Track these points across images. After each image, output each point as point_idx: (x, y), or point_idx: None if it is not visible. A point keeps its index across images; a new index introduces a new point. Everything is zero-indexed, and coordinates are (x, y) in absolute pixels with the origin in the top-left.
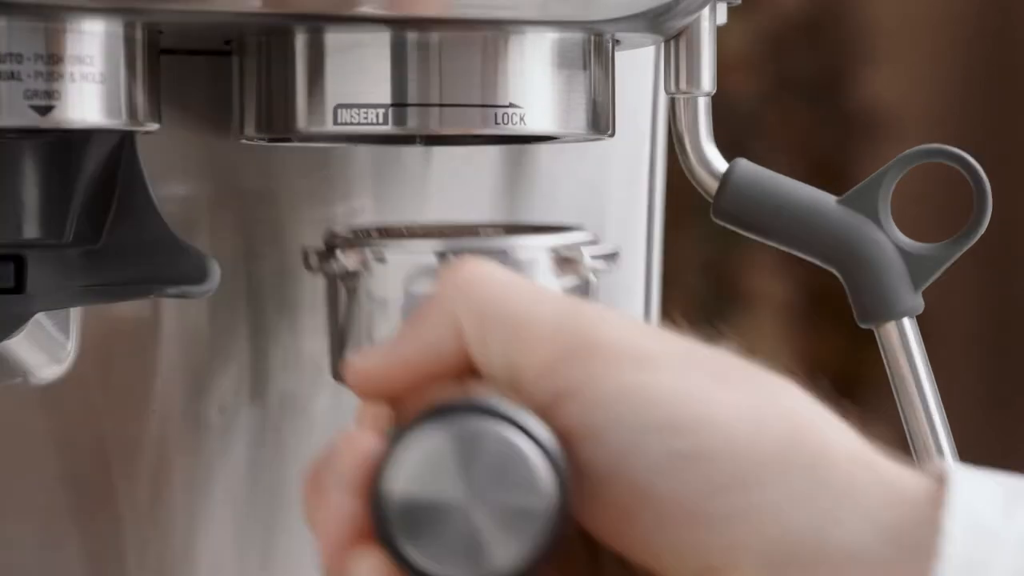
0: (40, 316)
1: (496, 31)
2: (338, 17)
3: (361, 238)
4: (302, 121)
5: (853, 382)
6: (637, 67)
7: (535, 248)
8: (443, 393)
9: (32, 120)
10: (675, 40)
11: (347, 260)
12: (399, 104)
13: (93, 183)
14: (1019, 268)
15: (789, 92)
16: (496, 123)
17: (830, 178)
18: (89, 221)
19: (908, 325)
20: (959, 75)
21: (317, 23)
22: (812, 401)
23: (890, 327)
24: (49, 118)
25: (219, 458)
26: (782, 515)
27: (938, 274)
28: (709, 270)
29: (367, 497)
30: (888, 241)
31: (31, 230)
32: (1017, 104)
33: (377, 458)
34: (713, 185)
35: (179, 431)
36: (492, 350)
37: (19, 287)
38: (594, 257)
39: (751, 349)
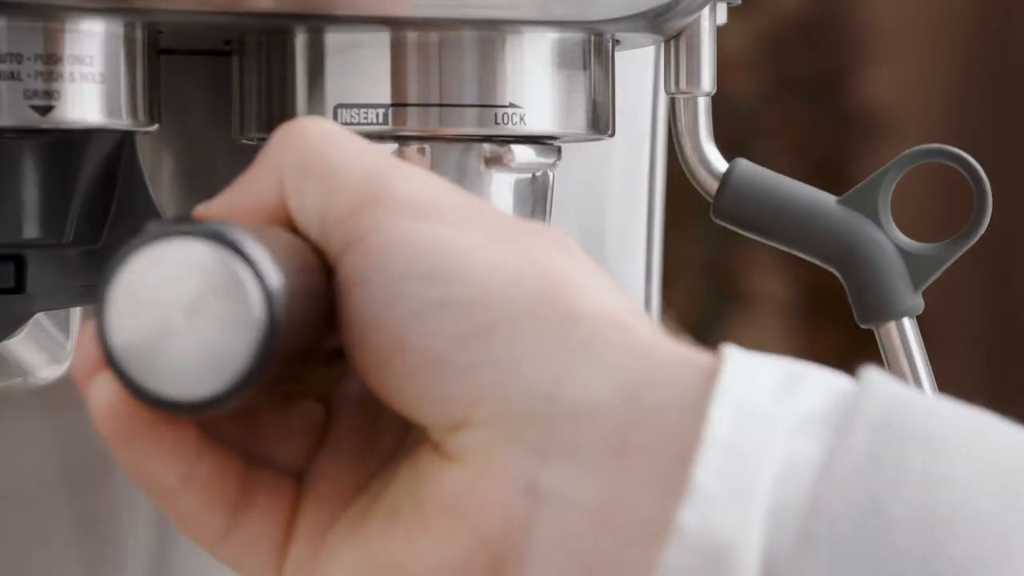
0: (40, 316)
1: (496, 31)
2: (338, 17)
3: None
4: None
5: None
6: (637, 67)
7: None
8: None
9: (32, 120)
10: (675, 40)
11: None
12: (399, 104)
13: (93, 183)
14: (1019, 268)
15: (789, 92)
16: (496, 123)
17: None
18: (89, 221)
19: (908, 325)
20: (959, 75)
21: (317, 23)
22: (586, 264)
23: (890, 327)
24: (49, 118)
25: None
26: (521, 369)
27: (938, 274)
28: (709, 270)
29: (96, 329)
30: (888, 241)
31: (31, 230)
32: (1017, 104)
33: (99, 288)
34: (713, 185)
35: None
36: (306, 201)
37: (19, 287)
38: (536, 155)
39: (751, 349)
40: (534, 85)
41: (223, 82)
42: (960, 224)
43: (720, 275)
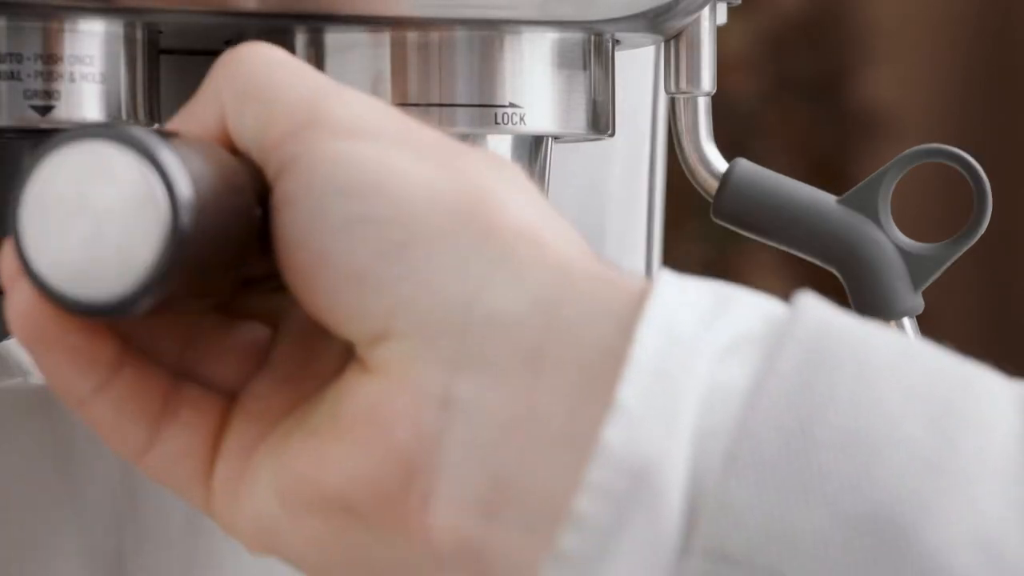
0: None
1: (495, 31)
2: (338, 17)
3: None
4: None
5: None
6: (637, 67)
7: None
8: None
9: (32, 120)
10: (675, 40)
11: None
12: (399, 104)
13: None
14: (1019, 268)
15: (789, 92)
16: (496, 123)
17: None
18: None
19: (908, 325)
20: (959, 75)
21: (317, 23)
22: (519, 182)
23: (890, 327)
24: (49, 118)
25: None
26: (438, 283)
27: (938, 274)
28: (709, 270)
29: (13, 244)
30: (888, 241)
31: None
32: (1017, 104)
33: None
34: (713, 185)
35: None
36: (247, 124)
37: None
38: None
39: None
40: (534, 85)
41: None
42: (960, 224)
43: (720, 275)
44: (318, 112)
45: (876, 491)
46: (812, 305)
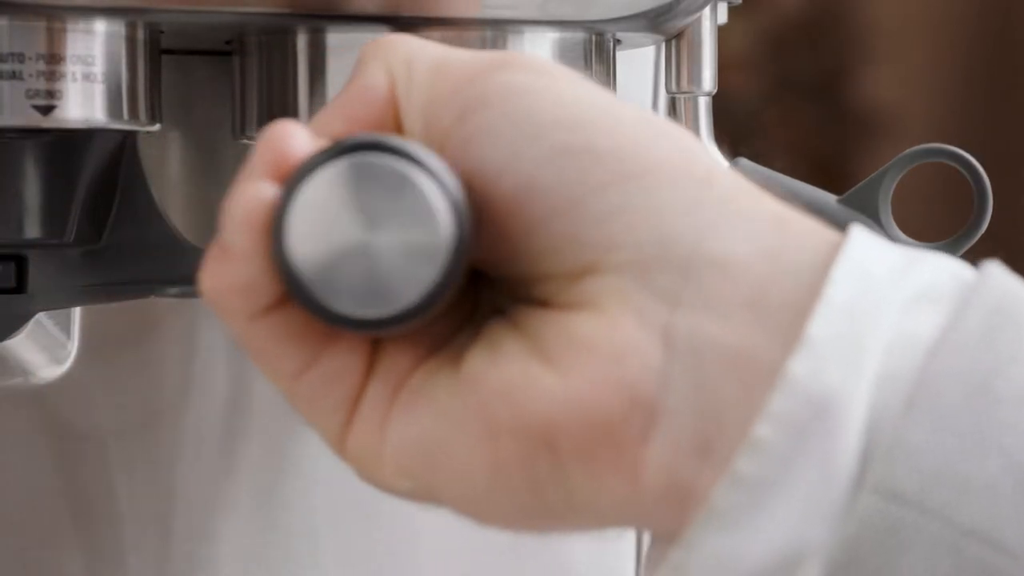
0: (41, 316)
1: (497, 31)
2: (339, 17)
3: None
4: (303, 121)
5: None
6: (637, 67)
7: None
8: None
9: (34, 120)
10: (676, 40)
11: None
12: None
13: (94, 183)
14: (1019, 268)
15: (789, 92)
16: None
17: (830, 177)
18: (90, 221)
19: None
20: (959, 75)
21: (318, 23)
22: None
23: None
24: (51, 118)
25: (220, 458)
26: (662, 219)
27: None
28: None
29: (271, 246)
30: (888, 240)
31: (32, 230)
32: (1017, 104)
33: (277, 202)
34: None
35: (179, 431)
36: (416, 83)
37: (20, 287)
38: None
39: None
40: None
41: (226, 81)
42: (960, 224)
43: None
44: (502, 57)
45: None
46: (998, 271)
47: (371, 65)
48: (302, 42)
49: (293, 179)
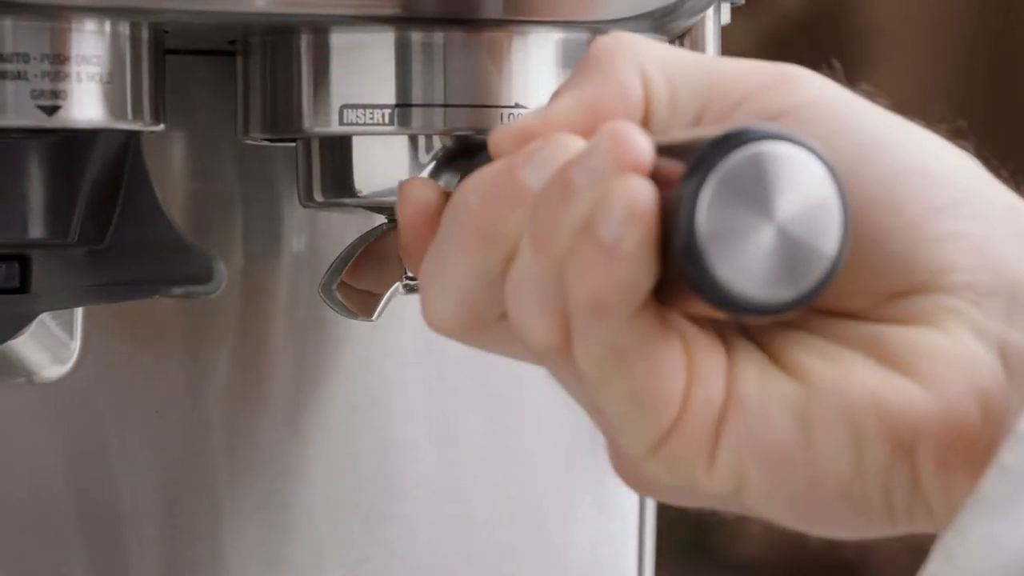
0: (44, 316)
1: (501, 31)
2: (343, 17)
3: None
4: (307, 121)
5: None
6: None
7: None
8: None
9: (38, 120)
10: (680, 40)
11: None
12: (404, 104)
13: (98, 183)
14: None
15: None
16: (501, 123)
17: None
18: (94, 221)
19: None
20: (959, 75)
21: (322, 23)
22: None
23: None
24: (56, 118)
25: (222, 458)
26: (989, 245)
27: None
28: None
29: (679, 240)
30: None
31: (36, 230)
32: (1017, 104)
33: (671, 196)
34: None
35: (183, 432)
36: (680, 99)
37: (24, 287)
38: None
39: None
40: (539, 85)
41: (230, 81)
42: None
43: None
44: (791, 69)
45: None
46: None
47: (621, 65)
48: (306, 42)
49: (698, 171)
